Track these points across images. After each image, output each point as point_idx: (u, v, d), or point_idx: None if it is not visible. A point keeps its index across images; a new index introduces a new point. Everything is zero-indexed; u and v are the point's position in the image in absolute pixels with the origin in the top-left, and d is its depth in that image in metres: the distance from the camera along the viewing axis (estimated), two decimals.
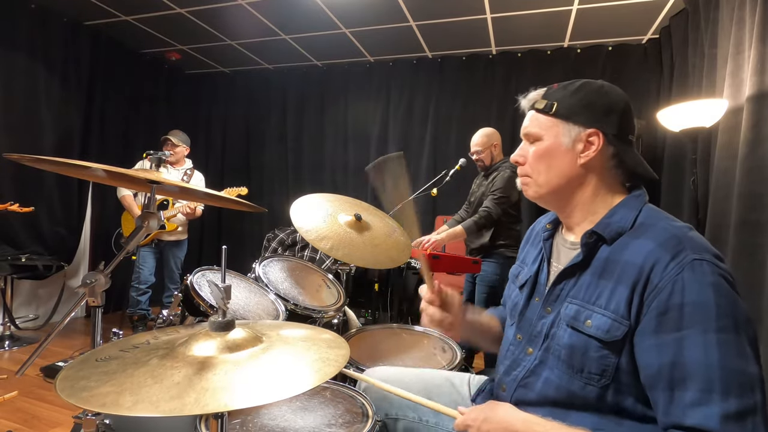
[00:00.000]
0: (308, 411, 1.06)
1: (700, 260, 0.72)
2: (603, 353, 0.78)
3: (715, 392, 0.66)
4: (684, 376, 0.69)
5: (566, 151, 0.87)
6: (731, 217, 1.96)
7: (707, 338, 0.68)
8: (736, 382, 0.66)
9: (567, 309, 0.85)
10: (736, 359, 0.67)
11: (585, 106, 0.86)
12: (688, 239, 0.76)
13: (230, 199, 1.23)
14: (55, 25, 3.54)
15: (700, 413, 0.67)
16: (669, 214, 0.85)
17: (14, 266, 3.20)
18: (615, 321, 0.77)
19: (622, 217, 0.84)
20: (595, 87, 0.88)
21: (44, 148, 3.48)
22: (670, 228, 0.79)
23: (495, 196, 2.55)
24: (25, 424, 2.09)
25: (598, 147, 0.86)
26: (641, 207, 0.85)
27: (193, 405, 0.60)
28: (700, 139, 2.37)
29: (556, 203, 0.93)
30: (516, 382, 0.91)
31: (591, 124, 0.86)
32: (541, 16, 3.20)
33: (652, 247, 0.76)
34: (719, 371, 0.67)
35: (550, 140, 0.88)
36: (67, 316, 1.00)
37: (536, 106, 0.90)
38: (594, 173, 0.88)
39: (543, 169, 0.89)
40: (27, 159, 0.93)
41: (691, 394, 0.68)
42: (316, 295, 1.88)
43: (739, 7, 2.05)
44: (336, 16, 3.38)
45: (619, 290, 0.78)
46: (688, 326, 0.70)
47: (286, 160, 4.72)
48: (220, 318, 0.77)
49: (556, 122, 0.88)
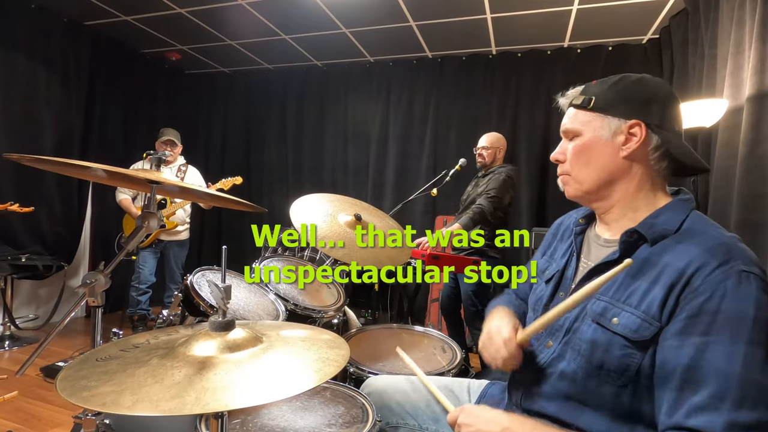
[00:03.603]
0: (308, 411, 1.06)
1: (747, 272, 0.69)
2: (627, 352, 0.76)
3: (728, 401, 0.64)
4: (699, 379, 0.67)
5: (606, 144, 0.85)
6: (731, 217, 1.96)
7: (735, 348, 0.66)
8: (752, 396, 0.64)
9: (595, 305, 0.82)
10: (759, 374, 0.65)
11: (624, 97, 0.85)
12: (739, 249, 0.73)
13: (230, 199, 1.23)
14: (55, 25, 3.54)
15: (704, 417, 0.64)
16: (717, 223, 0.82)
17: (14, 266, 3.20)
18: (645, 321, 0.75)
19: (668, 219, 0.82)
20: (634, 79, 0.86)
21: (44, 148, 3.48)
22: (720, 236, 0.76)
23: (489, 195, 2.60)
24: (25, 424, 2.09)
25: (641, 138, 0.83)
26: (689, 212, 0.83)
27: (193, 404, 0.60)
28: (700, 139, 2.37)
29: (597, 199, 0.90)
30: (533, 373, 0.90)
31: (632, 115, 0.83)
32: (541, 16, 3.20)
33: (698, 252, 0.73)
34: (738, 382, 0.64)
35: (589, 134, 0.87)
36: (67, 316, 1.00)
37: (574, 103, 0.89)
38: (638, 166, 0.86)
39: (583, 164, 0.88)
40: (27, 159, 0.93)
41: (701, 398, 0.66)
42: (316, 295, 1.89)
43: (739, 7, 2.05)
44: (336, 16, 3.38)
45: (654, 291, 0.75)
46: (717, 333, 0.67)
47: (286, 160, 4.72)
48: (220, 318, 0.77)
49: (594, 116, 0.86)
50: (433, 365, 1.46)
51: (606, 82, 0.88)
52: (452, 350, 1.57)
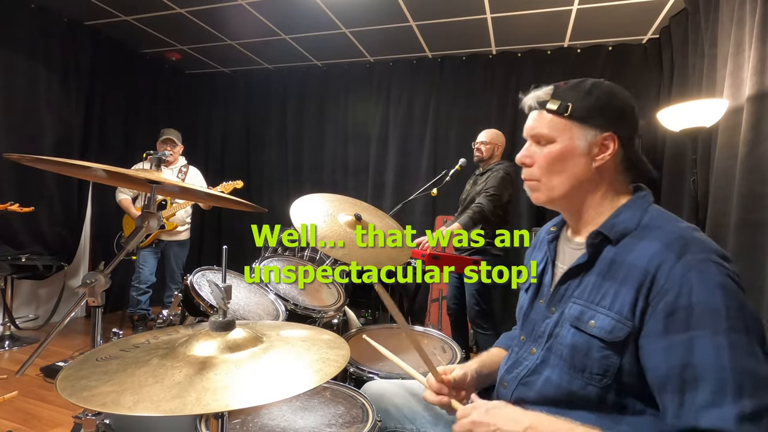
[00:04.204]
0: (308, 411, 1.06)
1: (707, 261, 0.72)
2: (605, 353, 0.77)
3: (728, 393, 0.65)
4: (695, 377, 0.68)
5: (581, 155, 0.85)
6: (731, 217, 1.96)
7: (717, 340, 0.67)
8: (749, 383, 0.65)
9: (571, 309, 0.84)
10: (747, 360, 0.67)
11: (600, 108, 0.85)
12: (694, 240, 0.75)
13: (230, 199, 1.23)
14: (55, 25, 3.54)
15: (714, 415, 0.65)
16: (674, 215, 0.85)
17: (14, 266, 3.20)
18: (618, 322, 0.76)
19: (627, 217, 0.84)
20: (607, 88, 0.87)
21: (44, 148, 3.48)
22: (676, 229, 0.78)
23: (488, 194, 2.60)
24: (25, 424, 2.09)
25: (613, 151, 0.85)
26: (647, 207, 0.85)
27: (194, 405, 0.60)
28: (700, 139, 2.37)
29: (567, 207, 0.92)
30: (517, 380, 0.91)
31: (607, 127, 0.85)
32: (541, 16, 3.20)
33: (657, 249, 0.75)
34: (731, 372, 0.66)
35: (565, 143, 0.86)
36: (67, 316, 1.00)
37: (549, 107, 0.87)
38: (605, 176, 0.87)
39: (556, 172, 0.87)
40: (27, 159, 0.93)
41: (703, 396, 0.67)
42: (316, 295, 1.89)
43: (739, 7, 2.05)
44: (336, 16, 3.38)
45: (624, 292, 0.77)
46: (697, 327, 0.69)
47: (286, 160, 4.72)
48: (220, 318, 0.77)
49: (571, 125, 0.85)
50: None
51: (579, 87, 0.87)
52: (452, 350, 1.57)
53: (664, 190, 3.07)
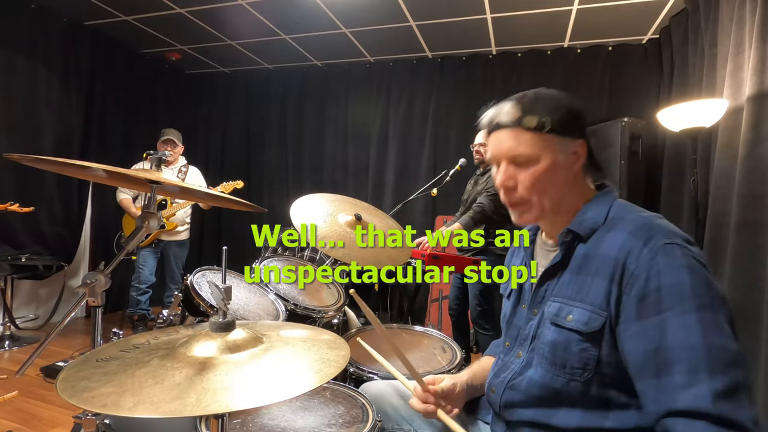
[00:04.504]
0: (308, 411, 1.06)
1: (671, 244, 0.73)
2: (583, 346, 0.79)
3: (702, 372, 0.66)
4: (669, 359, 0.69)
5: (564, 167, 0.85)
6: (731, 217, 1.96)
7: (687, 319, 0.69)
8: (720, 360, 0.67)
9: (550, 308, 0.86)
10: (717, 337, 0.68)
11: (571, 117, 0.85)
12: (658, 226, 0.77)
13: (230, 199, 1.23)
14: (55, 25, 3.54)
15: (690, 394, 0.66)
16: (638, 207, 0.86)
17: (14, 266, 3.20)
18: (593, 313, 0.78)
19: (594, 213, 0.85)
20: (565, 97, 0.87)
21: (44, 148, 3.47)
22: (639, 218, 0.80)
23: (489, 193, 2.59)
24: (25, 424, 2.09)
25: (584, 156, 0.87)
26: (611, 202, 0.86)
27: (194, 406, 0.60)
28: (700, 139, 2.37)
29: (550, 216, 0.91)
30: (504, 384, 0.92)
31: (578, 134, 0.86)
32: (541, 16, 3.20)
33: (624, 238, 0.77)
34: (703, 350, 0.67)
35: (549, 159, 0.84)
36: (67, 316, 1.00)
37: (527, 125, 0.83)
38: (577, 181, 0.89)
39: (543, 190, 0.85)
40: (27, 159, 0.93)
41: (679, 377, 0.68)
42: (316, 295, 1.89)
43: (739, 7, 2.05)
44: (336, 16, 3.38)
45: (597, 282, 0.79)
46: (667, 309, 0.70)
47: (286, 160, 4.72)
48: (220, 318, 0.77)
49: (551, 139, 0.84)
50: (433, 365, 1.46)
51: (544, 100, 0.86)
52: (452, 350, 1.57)
53: (664, 190, 3.07)
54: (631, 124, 3.06)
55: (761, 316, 1.73)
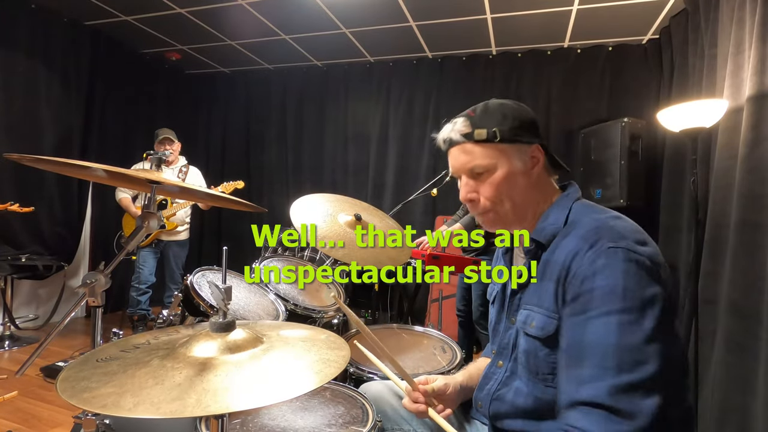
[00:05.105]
0: (308, 411, 1.06)
1: (614, 248, 0.74)
2: (546, 351, 0.81)
3: (610, 368, 0.69)
4: (583, 355, 0.72)
5: (522, 172, 0.89)
6: (731, 217, 1.96)
7: (608, 319, 0.71)
8: (630, 360, 0.68)
9: (520, 316, 0.88)
10: (632, 337, 0.69)
11: (520, 124, 0.88)
12: (608, 229, 0.78)
13: (230, 199, 1.23)
14: (55, 25, 3.54)
15: (591, 387, 0.69)
16: (599, 207, 0.88)
17: (14, 266, 3.19)
18: (548, 317, 0.80)
19: (554, 218, 0.88)
20: (514, 105, 0.92)
21: (44, 148, 3.47)
22: (592, 221, 0.82)
23: None
24: (25, 424, 2.09)
25: (542, 159, 0.90)
26: (570, 205, 0.88)
27: (194, 407, 0.60)
28: (700, 139, 2.37)
29: (518, 224, 0.93)
30: (490, 396, 0.92)
31: (532, 139, 0.89)
32: (541, 16, 3.20)
33: (575, 242, 0.79)
34: (615, 349, 0.69)
35: (506, 167, 0.88)
36: (67, 316, 1.00)
37: (478, 138, 0.88)
38: (540, 183, 0.92)
39: (506, 197, 0.89)
40: (27, 159, 0.93)
41: (588, 371, 0.71)
42: (316, 295, 1.89)
43: (739, 7, 2.05)
44: (336, 16, 3.38)
45: (549, 287, 0.82)
46: (594, 308, 0.73)
47: (286, 160, 4.72)
48: (220, 319, 0.77)
49: (504, 148, 0.88)
50: (433, 365, 1.46)
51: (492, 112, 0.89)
52: (452, 350, 1.57)
53: (664, 190, 3.07)
54: (631, 124, 3.05)
55: (761, 316, 1.73)
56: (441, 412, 0.93)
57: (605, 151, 3.17)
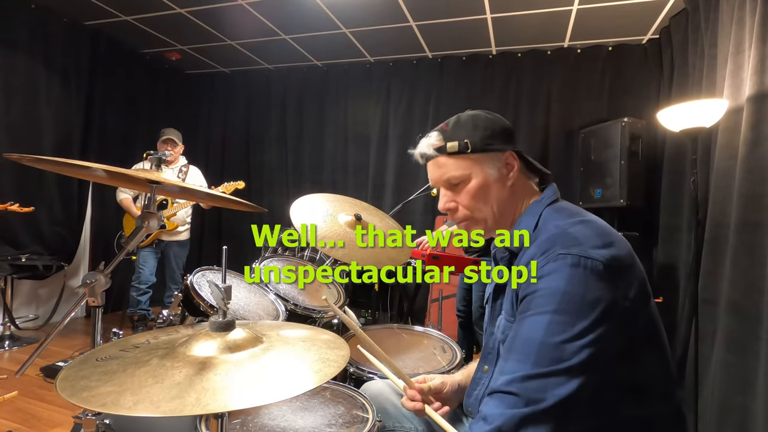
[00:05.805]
0: (308, 411, 1.06)
1: (564, 254, 0.76)
2: None
3: (528, 362, 0.71)
4: (511, 349, 0.76)
5: (496, 180, 0.92)
6: (731, 217, 1.96)
7: (541, 318, 0.73)
8: (550, 355, 0.70)
9: (498, 321, 0.91)
10: (558, 337, 0.71)
11: (491, 133, 0.91)
12: (563, 236, 0.79)
13: (230, 199, 1.23)
14: (55, 25, 3.54)
15: (506, 377, 0.73)
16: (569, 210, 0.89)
17: (14, 266, 3.20)
18: (508, 322, 0.84)
19: (525, 225, 0.90)
20: (485, 115, 0.93)
21: (44, 148, 3.47)
22: (552, 228, 0.83)
23: None
24: (25, 424, 2.09)
25: (516, 165, 0.92)
26: (541, 211, 0.90)
27: (193, 405, 0.60)
28: (700, 139, 2.37)
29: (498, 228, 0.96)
30: (477, 401, 0.93)
31: (504, 147, 0.91)
32: (541, 16, 3.20)
33: (533, 250, 0.82)
34: (539, 345, 0.71)
35: (480, 176, 0.91)
36: (67, 316, 1.00)
37: (450, 150, 0.91)
38: (518, 188, 0.94)
39: (482, 204, 0.92)
40: (27, 159, 0.93)
41: (509, 364, 0.74)
42: (316, 295, 1.89)
43: (739, 7, 2.05)
44: (336, 16, 3.38)
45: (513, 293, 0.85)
46: (533, 308, 0.75)
47: (286, 160, 4.72)
48: (220, 318, 0.77)
49: (477, 158, 0.90)
50: (433, 365, 1.46)
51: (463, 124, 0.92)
52: (452, 350, 1.58)
53: (664, 190, 3.07)
54: (631, 124, 3.06)
55: (761, 316, 1.73)
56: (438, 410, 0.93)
57: (605, 151, 3.17)
